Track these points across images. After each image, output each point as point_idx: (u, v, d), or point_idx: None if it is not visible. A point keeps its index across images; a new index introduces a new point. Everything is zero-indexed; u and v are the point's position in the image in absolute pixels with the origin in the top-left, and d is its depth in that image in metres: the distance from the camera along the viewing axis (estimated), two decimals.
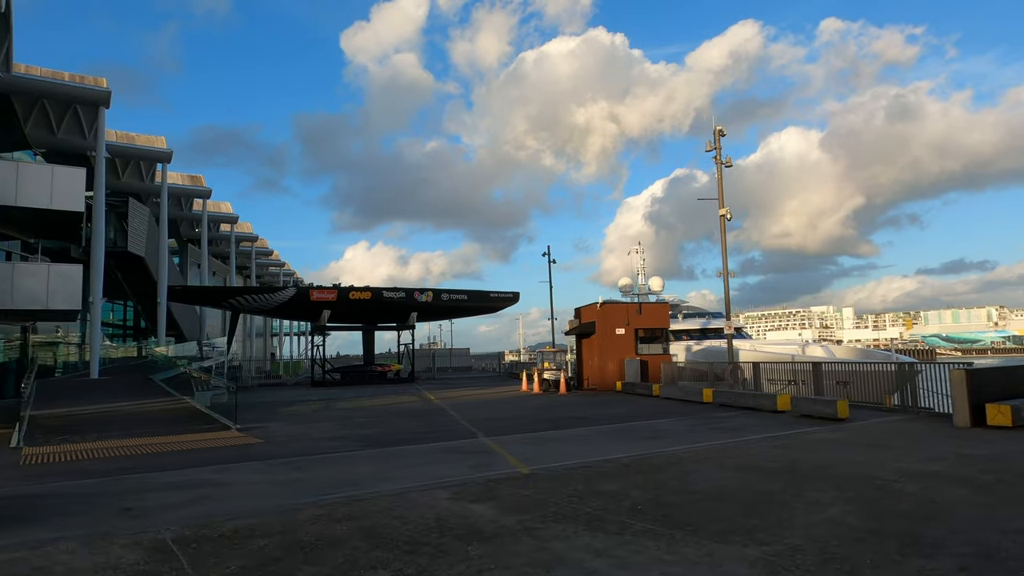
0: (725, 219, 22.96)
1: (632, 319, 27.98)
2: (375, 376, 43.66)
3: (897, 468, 8.45)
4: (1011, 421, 11.88)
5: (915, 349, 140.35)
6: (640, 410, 18.21)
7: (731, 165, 23.39)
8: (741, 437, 11.92)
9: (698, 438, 12.02)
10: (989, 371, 13.39)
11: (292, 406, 23.19)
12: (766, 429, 13.04)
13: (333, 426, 15.92)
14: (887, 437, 11.36)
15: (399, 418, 17.54)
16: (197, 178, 45.95)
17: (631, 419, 15.79)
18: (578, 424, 14.99)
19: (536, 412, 18.57)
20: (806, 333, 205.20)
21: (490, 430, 14.08)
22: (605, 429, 13.95)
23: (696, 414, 16.57)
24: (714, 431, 13.06)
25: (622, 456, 9.97)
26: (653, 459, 9.61)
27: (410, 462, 10.13)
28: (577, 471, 8.77)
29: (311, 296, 41.08)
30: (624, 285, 57.08)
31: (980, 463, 8.67)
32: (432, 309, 45.26)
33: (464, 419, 16.77)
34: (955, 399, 12.61)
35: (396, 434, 13.88)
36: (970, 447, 9.99)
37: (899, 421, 13.66)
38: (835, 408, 13.90)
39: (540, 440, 12.37)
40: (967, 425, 12.31)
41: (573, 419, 16.20)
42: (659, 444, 11.32)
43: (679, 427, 13.85)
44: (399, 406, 21.82)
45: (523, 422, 15.76)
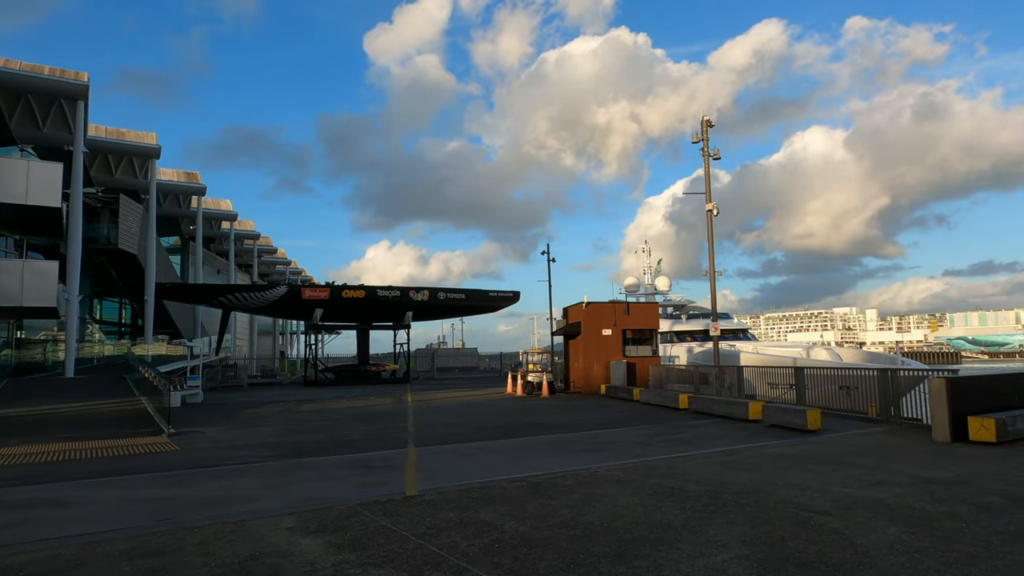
0: (712, 214, 21.68)
1: (619, 319, 26.77)
2: (369, 376, 42.92)
3: (838, 495, 7.28)
4: (995, 436, 10.56)
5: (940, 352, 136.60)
6: (609, 417, 17.08)
7: (719, 158, 22.09)
8: (689, 451, 10.76)
9: (642, 452, 10.89)
10: (974, 380, 12.03)
11: (259, 407, 22.41)
12: (724, 442, 11.85)
13: (272, 432, 15.04)
14: (850, 454, 10.13)
15: (351, 423, 16.62)
16: (193, 175, 45.58)
17: (591, 427, 14.67)
18: (530, 432, 13.93)
19: (499, 417, 17.53)
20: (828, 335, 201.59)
21: (429, 439, 13.08)
22: (553, 439, 12.86)
23: (663, 422, 15.41)
24: (666, 443, 11.91)
25: (539, 474, 8.89)
26: (569, 478, 8.52)
27: (300, 477, 9.17)
28: (470, 493, 7.72)
29: (303, 294, 40.42)
30: (629, 285, 55.83)
31: (938, 490, 7.45)
32: (428, 308, 44.37)
33: (416, 425, 15.80)
34: (934, 411, 11.31)
35: (326, 443, 12.93)
36: (936, 468, 8.74)
37: (876, 434, 12.38)
38: (804, 419, 12.65)
39: (470, 452, 11.32)
40: (946, 440, 11.02)
41: (530, 426, 15.15)
42: (593, 459, 10.21)
43: (632, 438, 12.70)
44: (365, 409, 20.91)
45: (474, 430, 14.73)
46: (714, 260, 21.94)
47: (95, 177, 40.08)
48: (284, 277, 73.35)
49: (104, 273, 41.37)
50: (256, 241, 60.17)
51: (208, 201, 52.46)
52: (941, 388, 11.15)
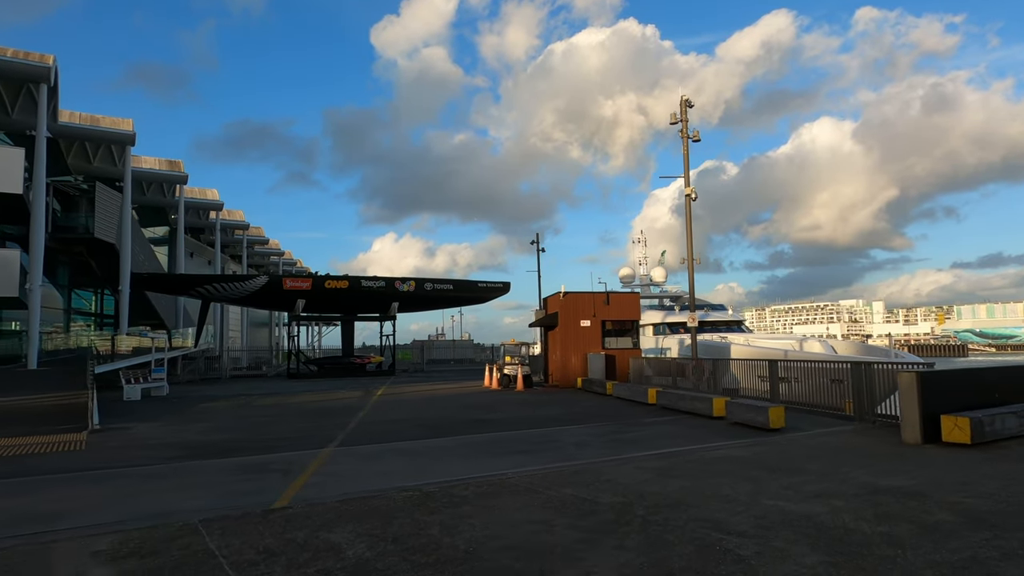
0: (691, 199, 20.54)
1: (599, 310, 25.70)
2: (354, 368, 42.08)
3: (767, 510, 6.23)
4: (969, 437, 9.46)
5: (946, 344, 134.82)
6: (571, 413, 16.07)
7: (698, 139, 20.94)
8: (629, 454, 9.72)
9: (576, 454, 9.87)
10: (950, 375, 10.91)
11: (219, 401, 21.53)
12: (674, 442, 10.81)
13: (202, 429, 14.12)
14: (805, 457, 9.06)
15: (292, 419, 15.69)
16: (175, 163, 44.62)
17: (542, 425, 13.65)
18: (473, 431, 12.94)
19: (453, 413, 16.55)
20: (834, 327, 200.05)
21: (358, 438, 12.12)
22: (492, 438, 11.86)
23: (623, 419, 14.39)
24: (610, 444, 10.88)
25: (441, 481, 7.88)
26: (471, 486, 7.50)
27: (170, 485, 8.21)
28: (346, 504, 6.71)
29: (284, 285, 39.53)
30: (625, 275, 54.66)
31: (886, 503, 6.39)
32: (415, 299, 43.40)
33: (359, 421, 14.84)
34: (903, 409, 10.21)
35: (244, 442, 12.01)
36: (894, 475, 7.67)
37: (844, 433, 11.30)
38: (767, 417, 11.58)
39: (388, 453, 10.34)
40: (917, 441, 9.93)
41: (478, 423, 14.16)
42: (516, 462, 9.19)
43: (577, 438, 11.68)
44: (324, 404, 19.99)
45: (415, 427, 13.76)
46: (691, 247, 20.85)
47: (73, 165, 39.24)
48: (278, 268, 72.47)
49: (83, 263, 40.57)
50: (246, 231, 59.25)
51: (195, 190, 51.63)
52: (911, 384, 10.05)
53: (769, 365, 16.05)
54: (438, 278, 44.99)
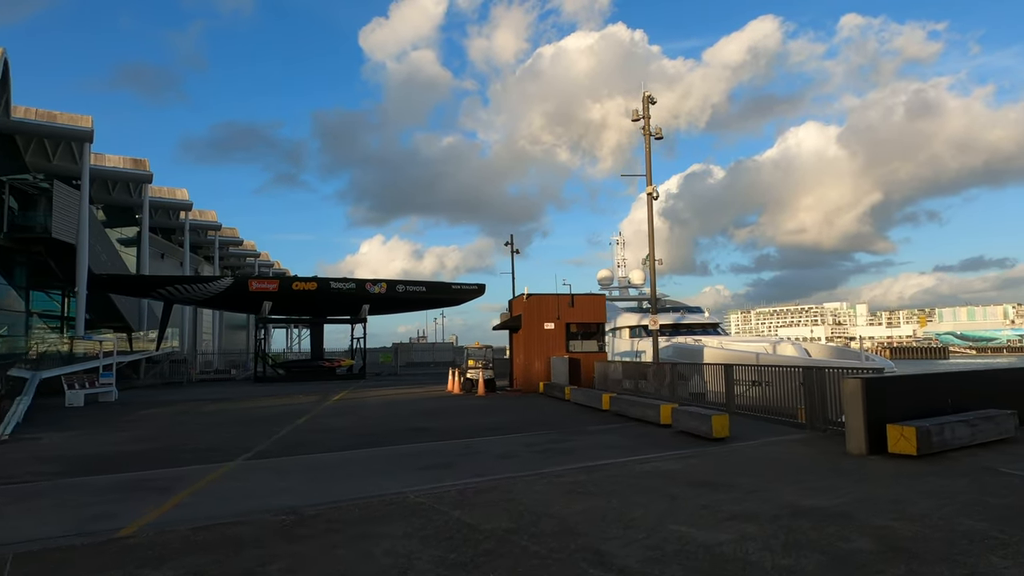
0: (652, 197, 19.90)
1: (563, 312, 25.01)
2: (323, 371, 41.14)
3: (665, 538, 5.52)
4: (915, 448, 8.82)
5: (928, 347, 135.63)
6: (519, 420, 15.36)
7: (661, 137, 20.31)
8: (553, 467, 8.99)
9: (495, 468, 9.13)
10: (898, 381, 10.27)
11: (164, 407, 20.67)
12: (608, 453, 10.10)
13: (121, 439, 13.32)
14: (738, 470, 8.38)
15: (223, 428, 14.90)
16: (141, 162, 43.47)
17: (482, 433, 12.91)
18: (407, 440, 12.18)
19: (397, 421, 15.78)
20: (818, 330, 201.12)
21: (278, 449, 11.35)
22: (420, 449, 11.10)
23: (568, 427, 13.69)
24: (540, 455, 10.16)
25: (333, 501, 7.12)
26: (359, 508, 6.74)
27: (29, 507, 7.39)
28: (197, 534, 5.94)
29: (250, 286, 38.54)
30: (603, 277, 54.07)
31: (803, 528, 5.70)
32: (387, 301, 42.52)
33: (295, 429, 14.06)
34: (848, 418, 9.56)
35: (149, 454, 11.21)
36: (824, 493, 6.99)
37: (791, 443, 10.64)
38: (709, 425, 10.91)
39: (295, 467, 9.57)
40: (862, 452, 9.28)
41: (417, 432, 13.39)
42: (426, 478, 8.45)
43: (507, 448, 10.96)
44: (272, 409, 19.16)
45: (348, 436, 13.00)
46: (653, 247, 20.20)
47: (31, 163, 38.06)
48: (254, 270, 71.26)
49: (42, 263, 39.39)
50: (218, 232, 58.10)
51: (163, 190, 50.51)
52: (856, 391, 9.40)
53: (725, 370, 15.42)
54: (410, 280, 44.23)
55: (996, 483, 7.38)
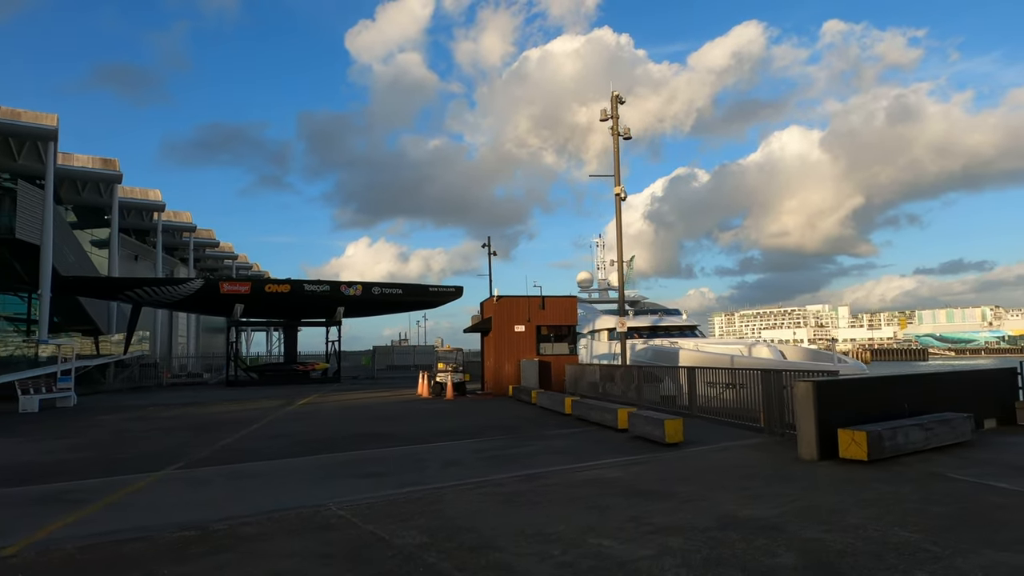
0: (620, 198, 19.63)
1: (534, 315, 24.68)
2: (297, 375, 40.50)
3: (585, 552, 5.19)
4: (866, 453, 8.58)
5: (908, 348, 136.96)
6: (479, 425, 14.99)
7: (629, 137, 20.06)
8: (491, 475, 8.63)
9: (435, 477, 8.76)
10: (851, 384, 10.02)
11: (116, 413, 20.01)
12: (553, 460, 9.76)
13: (61, 446, 12.74)
14: (683, 477, 8.08)
15: (170, 434, 14.39)
16: (110, 161, 42.63)
17: (436, 439, 12.52)
18: (355, 447, 11.74)
19: (355, 426, 15.35)
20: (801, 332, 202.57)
21: (216, 457, 10.90)
22: (364, 455, 10.70)
23: (525, 432, 13.35)
24: (487, 461, 9.81)
25: (248, 514, 6.71)
26: (274, 521, 6.36)
27: None
28: (88, 551, 5.52)
29: (221, 288, 37.86)
30: (582, 280, 53.81)
31: (730, 541, 5.39)
32: (362, 304, 41.97)
33: (243, 436, 13.59)
34: (799, 422, 9.30)
35: (74, 465, 10.71)
36: (763, 502, 6.69)
37: (745, 448, 10.37)
38: (662, 430, 10.61)
39: (222, 477, 9.13)
40: (813, 457, 9.02)
41: (369, 438, 12.98)
42: (361, 487, 8.06)
43: (456, 455, 10.59)
44: (223, 415, 18.65)
45: (295, 443, 12.54)
46: (621, 248, 19.93)
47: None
48: (231, 272, 70.31)
49: (7, 265, 38.46)
50: (193, 233, 57.20)
51: (136, 190, 49.63)
52: (807, 394, 9.14)
53: (687, 372, 15.16)
54: (387, 282, 43.67)
55: (942, 490, 7.13)
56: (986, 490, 7.08)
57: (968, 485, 7.35)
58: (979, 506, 6.43)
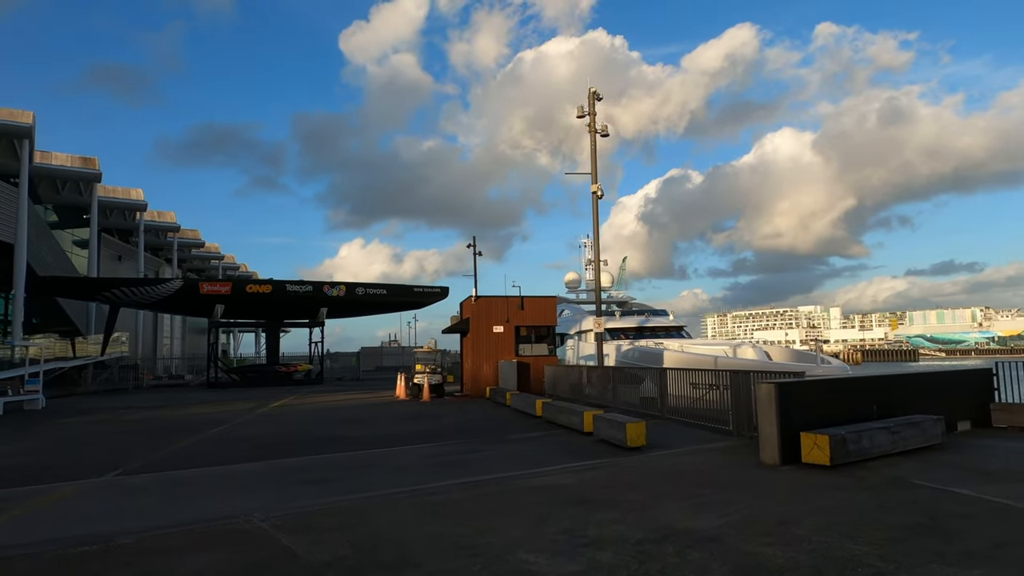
0: (597, 196, 19.28)
1: (512, 315, 24.31)
2: (279, 377, 39.98)
3: (506, 569, 4.82)
4: (828, 457, 8.23)
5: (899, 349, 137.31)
6: (445, 428, 14.62)
7: (607, 134, 19.71)
8: (437, 482, 8.23)
9: (378, 483, 8.36)
10: (817, 385, 9.67)
11: (82, 416, 19.56)
12: (508, 465, 9.37)
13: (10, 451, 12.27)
14: (634, 485, 7.71)
15: (126, 437, 14.01)
16: (90, 160, 42.01)
17: (400, 442, 12.13)
18: (313, 451, 11.35)
19: (320, 429, 14.95)
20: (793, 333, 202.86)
21: (163, 462, 10.48)
22: (316, 461, 10.28)
23: (490, 435, 12.97)
24: (438, 467, 9.41)
25: (162, 527, 6.31)
26: (174, 537, 5.96)
27: None
28: None
29: (201, 289, 37.38)
30: (570, 281, 53.42)
31: (664, 555, 5.02)
32: (345, 304, 41.54)
33: (201, 440, 13.16)
34: (761, 425, 8.94)
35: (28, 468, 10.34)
36: (712, 511, 6.32)
37: (709, 452, 10.01)
38: (624, 434, 10.24)
39: (159, 484, 8.72)
40: (775, 462, 8.67)
41: (330, 441, 12.58)
42: (298, 494, 7.66)
43: (410, 460, 10.20)
44: (191, 418, 18.22)
45: (254, 447, 12.15)
46: (599, 247, 19.59)
47: None
48: (218, 272, 69.64)
49: None
50: (177, 233, 56.57)
51: (118, 190, 48.98)
52: (769, 396, 8.79)
53: (659, 374, 14.82)
54: (371, 283, 43.21)
55: (902, 497, 6.78)
56: (947, 497, 6.74)
57: (930, 492, 7.00)
58: (937, 515, 6.08)
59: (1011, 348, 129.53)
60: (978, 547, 5.06)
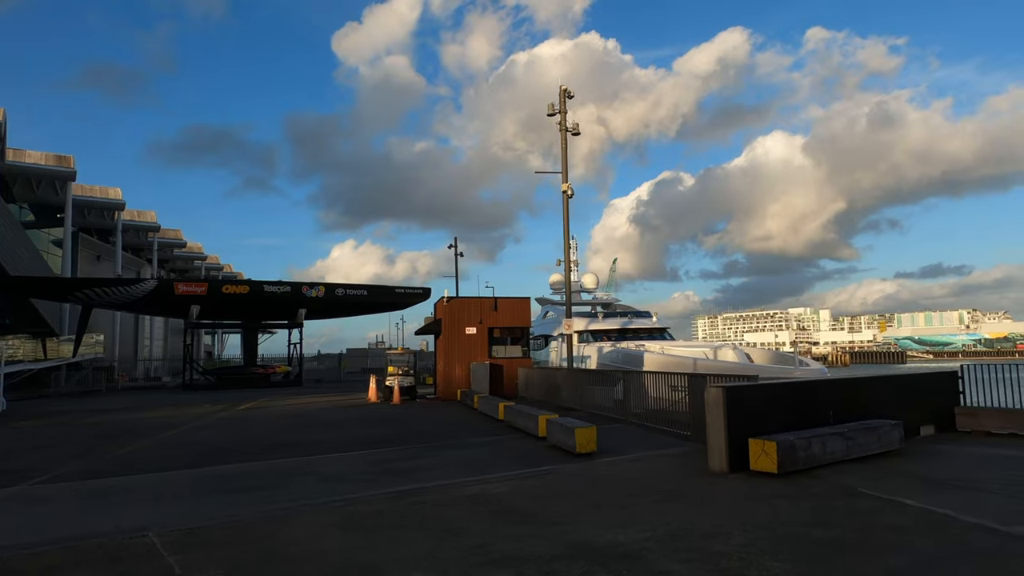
0: (567, 195, 18.92)
1: (486, 316, 23.91)
2: (256, 379, 39.38)
3: None
4: (776, 465, 7.88)
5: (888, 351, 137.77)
6: (403, 432, 14.19)
7: (578, 133, 19.36)
8: (361, 493, 7.83)
9: (303, 494, 7.95)
10: (767, 389, 9.30)
11: (38, 419, 19.05)
12: (447, 472, 8.97)
13: None
14: (567, 494, 7.33)
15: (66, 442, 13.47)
16: (65, 158, 41.34)
17: (348, 447, 11.71)
18: (254, 458, 10.93)
19: (273, 434, 14.48)
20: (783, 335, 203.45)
21: (89, 470, 10.02)
22: (244, 469, 9.85)
23: (445, 439, 12.58)
24: (374, 476, 9.00)
25: (28, 543, 5.88)
26: (50, 554, 5.53)
27: None
28: None
29: (176, 289, 36.74)
30: (555, 282, 53.01)
31: (570, 574, 4.65)
32: (325, 305, 40.96)
33: (145, 446, 12.68)
34: (710, 431, 8.58)
35: None
36: (636, 524, 5.95)
37: (661, 458, 9.65)
38: (573, 440, 9.86)
39: (70, 494, 8.27)
40: (723, 469, 8.31)
41: (276, 448, 12.12)
42: (201, 506, 7.25)
43: (350, 468, 9.78)
44: (148, 421, 17.69)
45: (196, 453, 11.69)
46: (568, 246, 19.24)
47: None
48: (200, 273, 68.91)
49: None
50: (157, 233, 55.85)
51: (95, 189, 48.31)
52: (717, 401, 8.43)
53: (624, 377, 14.46)
54: (351, 283, 42.67)
55: (842, 509, 6.43)
56: (890, 508, 6.39)
57: (873, 502, 6.66)
58: (872, 529, 5.73)
59: (997, 350, 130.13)
60: (902, 565, 4.71)
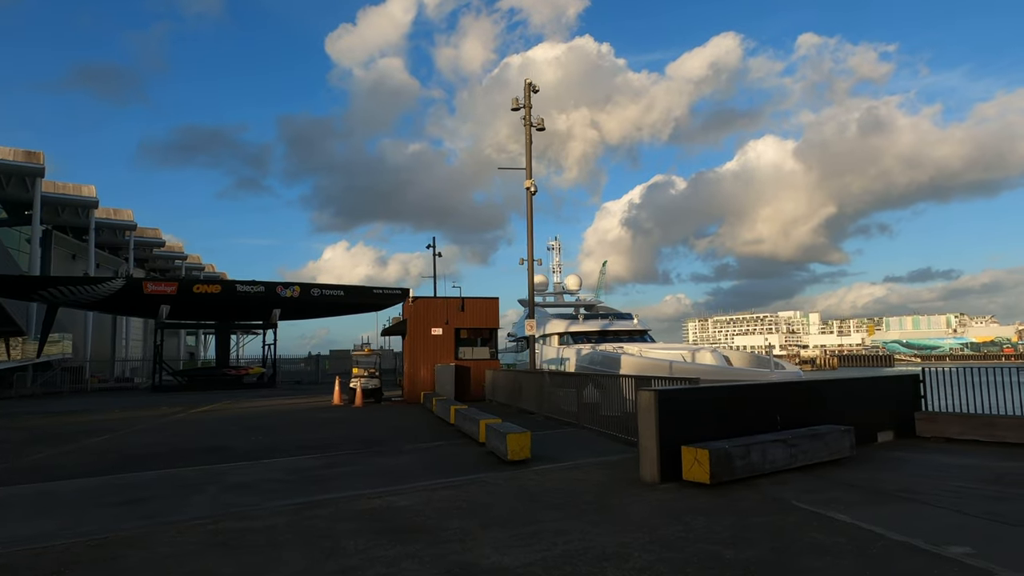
0: (530, 192, 18.37)
1: (452, 317, 23.32)
2: (229, 380, 38.62)
3: None
4: (708, 475, 7.33)
5: (876, 355, 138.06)
6: (345, 436, 13.63)
7: (543, 128, 18.83)
8: (262, 504, 7.24)
9: (200, 506, 7.35)
10: (705, 394, 8.74)
11: None
12: (368, 483, 8.37)
13: None
14: (471, 509, 6.75)
15: None
16: (34, 154, 40.45)
17: (277, 454, 11.10)
18: (174, 463, 10.29)
19: (214, 439, 13.83)
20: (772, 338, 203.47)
21: None
22: (149, 478, 9.22)
23: (383, 446, 11.99)
24: (289, 485, 8.39)
25: None
26: None
27: None
28: None
29: (144, 288, 35.93)
30: (537, 283, 52.45)
31: None
32: (300, 306, 40.27)
33: (73, 449, 12.03)
34: (642, 438, 8.03)
35: None
36: (537, 542, 5.38)
37: (597, 466, 9.09)
38: (505, 446, 9.29)
39: None
40: (654, 479, 7.75)
41: (208, 452, 11.51)
42: (81, 520, 6.63)
43: (261, 476, 9.17)
44: (88, 425, 17.04)
45: (123, 457, 11.07)
46: (532, 245, 18.67)
47: None
48: (181, 272, 67.92)
49: None
50: (134, 232, 54.92)
51: (68, 186, 47.37)
52: (649, 405, 7.88)
53: (584, 380, 13.91)
54: (328, 284, 41.98)
55: (765, 525, 5.89)
56: (817, 525, 5.85)
57: (802, 517, 6.12)
58: (790, 548, 5.18)
59: (984, 354, 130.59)
60: None
